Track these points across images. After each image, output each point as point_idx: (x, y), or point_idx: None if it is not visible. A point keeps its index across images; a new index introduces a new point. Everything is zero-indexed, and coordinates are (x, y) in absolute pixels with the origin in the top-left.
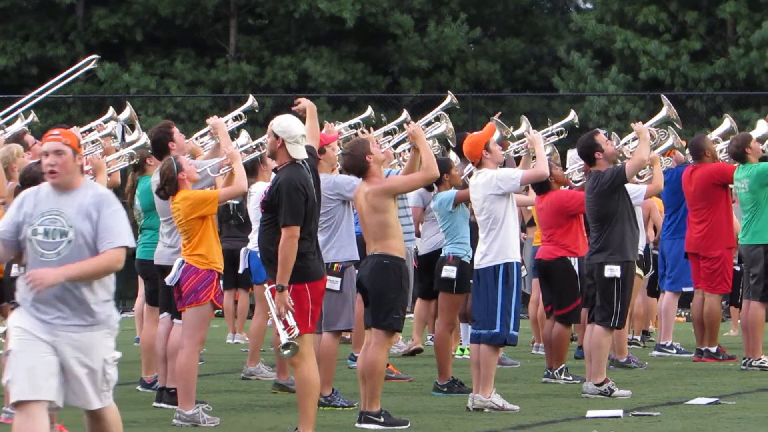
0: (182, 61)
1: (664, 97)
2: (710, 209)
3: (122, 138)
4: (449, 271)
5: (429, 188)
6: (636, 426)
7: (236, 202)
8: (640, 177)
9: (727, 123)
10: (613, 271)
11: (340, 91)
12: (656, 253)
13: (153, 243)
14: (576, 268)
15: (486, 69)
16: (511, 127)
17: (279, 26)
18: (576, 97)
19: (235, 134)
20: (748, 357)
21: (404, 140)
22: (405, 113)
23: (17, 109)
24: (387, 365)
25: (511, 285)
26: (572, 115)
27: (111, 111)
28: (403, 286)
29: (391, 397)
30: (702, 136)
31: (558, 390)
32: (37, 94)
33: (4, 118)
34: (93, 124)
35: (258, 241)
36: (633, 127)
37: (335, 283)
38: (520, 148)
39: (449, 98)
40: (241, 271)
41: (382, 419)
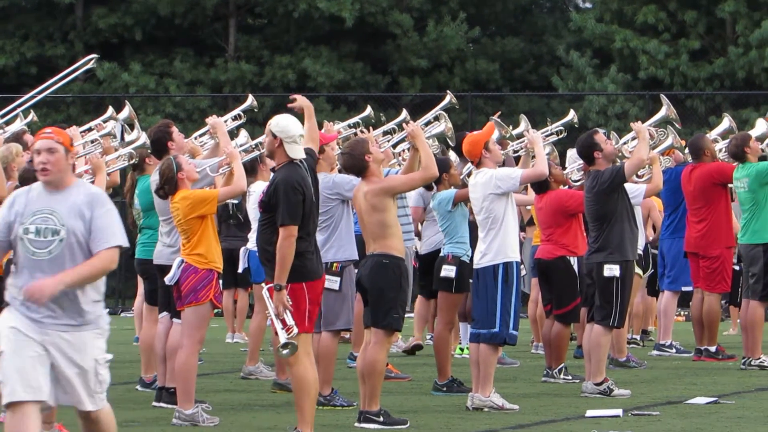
0: (181, 61)
1: (663, 97)
2: (709, 208)
3: (121, 137)
4: (448, 271)
5: (428, 188)
6: (635, 425)
7: (235, 202)
8: (640, 176)
9: (727, 122)
10: (612, 270)
11: (339, 91)
12: (655, 252)
13: (152, 242)
14: (575, 267)
15: (485, 68)
16: (510, 126)
17: (278, 26)
18: (575, 97)
19: (234, 134)
20: (748, 356)
21: (403, 140)
22: (404, 113)
23: (16, 109)
24: (386, 365)
25: (510, 284)
26: (571, 114)
27: (110, 110)
28: (402, 285)
29: (391, 396)
30: (701, 135)
31: (557, 389)
32: (37, 94)
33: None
34: (92, 124)
35: (256, 241)
36: (632, 127)
37: (334, 283)
38: (519, 148)
39: (448, 98)
40: (240, 271)
41: (381, 419)
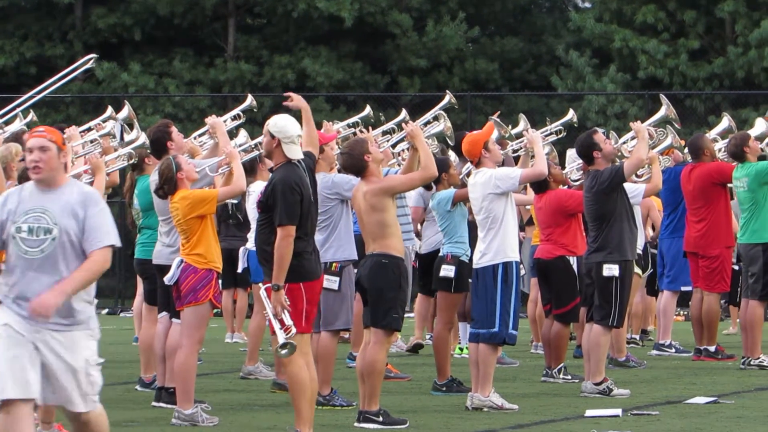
0: (181, 61)
1: (662, 96)
2: (709, 208)
3: (121, 137)
4: (447, 270)
5: (427, 187)
6: (635, 425)
7: (235, 202)
8: (639, 176)
9: (726, 122)
10: (611, 270)
11: (338, 91)
12: (654, 252)
13: (151, 242)
14: (575, 267)
15: (484, 68)
16: (509, 126)
17: (277, 25)
18: (574, 96)
19: (233, 133)
20: (747, 356)
21: (403, 139)
22: (403, 112)
23: (16, 109)
24: (386, 364)
25: (510, 284)
26: (571, 114)
27: (109, 110)
28: (402, 285)
29: (390, 396)
30: (701, 135)
31: (557, 389)
32: (36, 94)
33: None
34: (91, 124)
35: (254, 241)
36: (631, 126)
37: (333, 283)
38: (518, 147)
39: (448, 97)
40: (239, 271)
41: (380, 418)
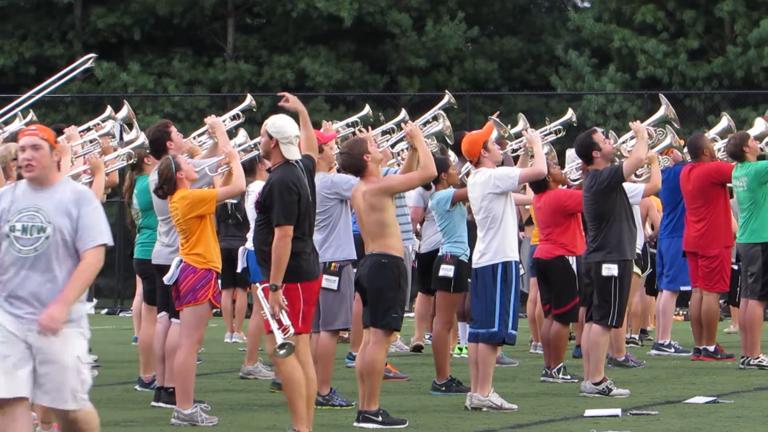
0: (180, 61)
1: (661, 96)
2: (708, 208)
3: (120, 137)
4: (447, 270)
5: (427, 187)
6: (634, 425)
7: (234, 202)
8: (638, 176)
9: (725, 121)
10: (610, 269)
11: (337, 90)
12: (654, 251)
13: (151, 242)
14: (574, 266)
15: (484, 68)
16: (508, 126)
17: (277, 25)
18: (574, 96)
19: (233, 133)
20: (746, 356)
21: (402, 139)
22: (403, 112)
23: (15, 109)
24: (385, 364)
25: (509, 284)
26: (570, 113)
27: (109, 110)
28: (401, 285)
29: (390, 396)
30: (700, 134)
31: (556, 389)
32: (35, 94)
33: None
34: (91, 123)
35: (252, 241)
36: (631, 126)
37: (333, 283)
38: (518, 147)
39: (447, 97)
40: (239, 271)
41: (380, 418)
